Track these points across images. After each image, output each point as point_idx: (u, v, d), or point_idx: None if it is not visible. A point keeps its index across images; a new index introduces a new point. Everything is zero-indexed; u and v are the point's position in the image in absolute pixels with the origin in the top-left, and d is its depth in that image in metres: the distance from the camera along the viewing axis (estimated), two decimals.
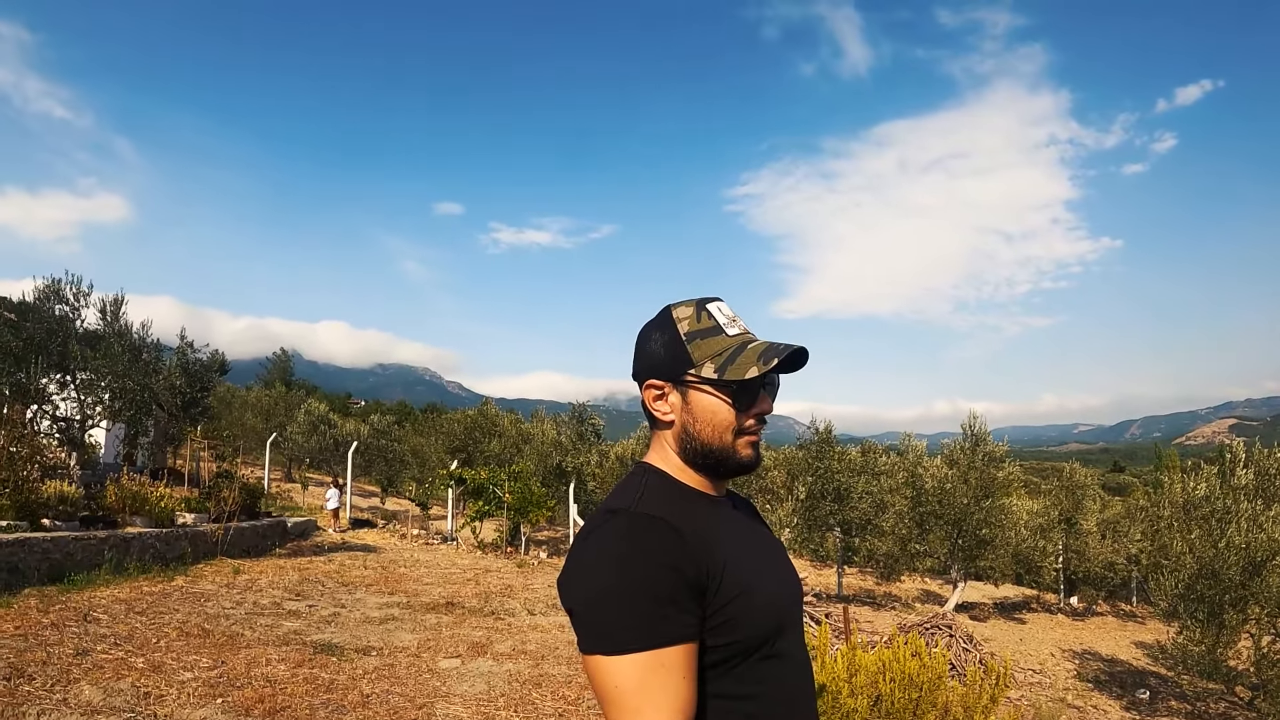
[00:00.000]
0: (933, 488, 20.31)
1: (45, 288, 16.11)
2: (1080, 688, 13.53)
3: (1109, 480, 61.18)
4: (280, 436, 35.89)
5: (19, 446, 12.19)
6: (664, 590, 1.63)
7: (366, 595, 13.45)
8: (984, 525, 19.83)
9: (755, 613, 1.72)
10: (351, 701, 7.33)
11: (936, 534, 20.82)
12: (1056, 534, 22.76)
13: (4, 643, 7.58)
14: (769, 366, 1.77)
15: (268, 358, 79.67)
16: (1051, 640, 18.61)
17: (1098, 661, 16.13)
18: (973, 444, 20.43)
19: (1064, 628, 21.19)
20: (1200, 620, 11.94)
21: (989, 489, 19.81)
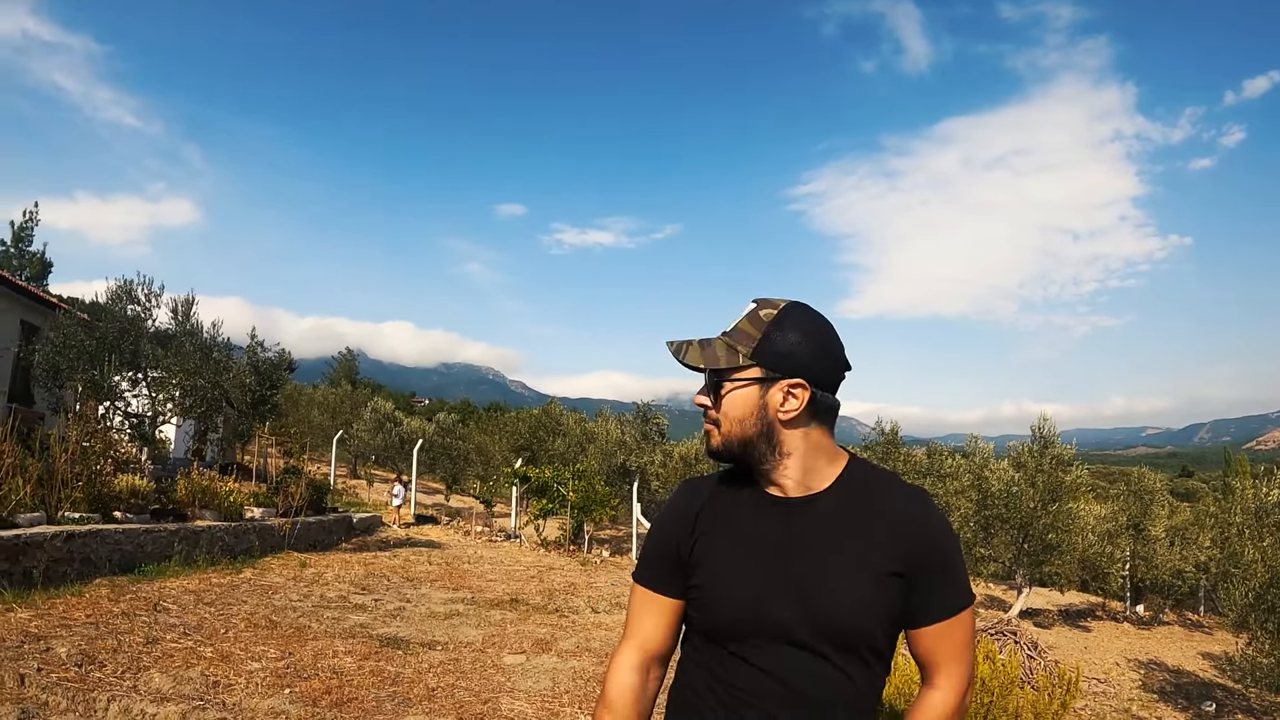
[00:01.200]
0: (999, 491, 19.96)
1: (118, 288, 16.37)
2: (1145, 698, 13.20)
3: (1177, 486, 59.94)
4: (346, 433, 36.28)
5: (92, 441, 12.37)
6: (655, 544, 2.07)
7: (431, 590, 13.49)
8: (1051, 530, 19.45)
9: (716, 608, 1.91)
10: (417, 695, 7.32)
11: (1002, 538, 20.48)
12: (1124, 540, 22.28)
13: (76, 630, 7.66)
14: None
15: (333, 357, 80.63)
16: (1117, 649, 18.21)
17: (1163, 672, 15.74)
18: (1041, 446, 20.05)
19: (1129, 636, 20.74)
20: (1270, 631, 11.56)
21: (1056, 493, 19.42)
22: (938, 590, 1.87)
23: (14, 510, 9.81)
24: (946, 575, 1.88)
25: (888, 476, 1.97)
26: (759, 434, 1.90)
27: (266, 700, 6.44)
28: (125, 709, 5.76)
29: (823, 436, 1.93)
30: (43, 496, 10.68)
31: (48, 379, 15.76)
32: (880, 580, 1.83)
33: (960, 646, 1.91)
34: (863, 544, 1.85)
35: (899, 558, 1.84)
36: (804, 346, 1.87)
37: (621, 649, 2.06)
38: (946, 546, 1.89)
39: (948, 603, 1.88)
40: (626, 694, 2.01)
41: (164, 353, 16.10)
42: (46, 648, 6.85)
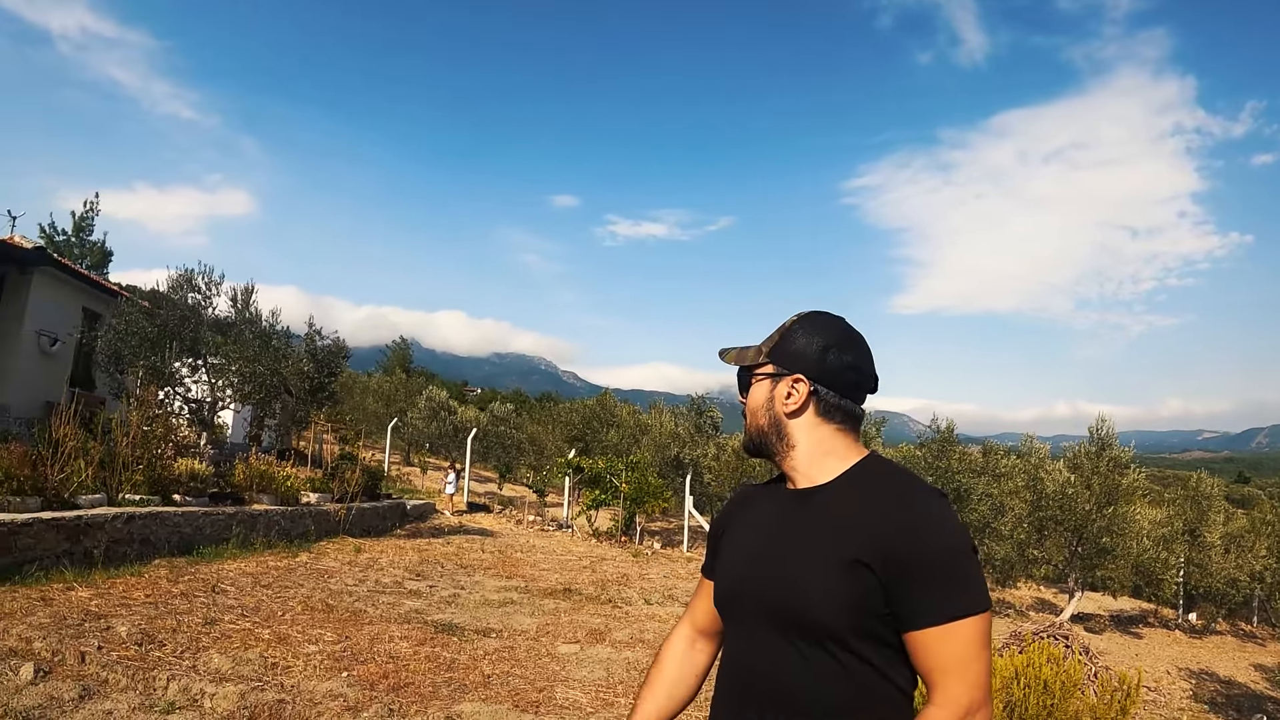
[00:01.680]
0: (1054, 492, 19.66)
1: (179, 277, 16.57)
2: (1195, 709, 12.93)
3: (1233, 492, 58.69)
4: (401, 421, 36.53)
5: (153, 426, 12.52)
6: (710, 535, 2.28)
7: (485, 578, 13.51)
8: (1105, 533, 19.13)
9: (716, 586, 2.11)
10: (473, 681, 7.30)
11: (1055, 540, 20.18)
12: (1179, 546, 21.86)
13: (136, 610, 7.73)
14: None
15: (387, 345, 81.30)
16: (1168, 657, 17.86)
17: (1214, 682, 15.41)
18: (1098, 448, 19.71)
19: (1181, 645, 20.34)
20: None
21: (1112, 496, 19.10)
22: (924, 593, 1.75)
23: (76, 492, 9.94)
24: (936, 578, 1.75)
25: (894, 474, 1.92)
26: (769, 425, 2.05)
27: (324, 683, 6.44)
28: (184, 688, 5.78)
29: (833, 434, 2.00)
30: (104, 479, 10.82)
31: (109, 364, 15.99)
32: (843, 569, 1.79)
33: (956, 660, 1.74)
34: (838, 533, 1.85)
35: (869, 549, 1.78)
36: (811, 347, 2.01)
37: (678, 624, 2.35)
38: (936, 545, 1.76)
39: (937, 608, 1.74)
40: (674, 654, 2.30)
41: (224, 340, 16.26)
42: (107, 626, 6.91)
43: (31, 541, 8.56)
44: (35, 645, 6.12)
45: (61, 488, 9.70)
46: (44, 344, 19.19)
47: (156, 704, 5.44)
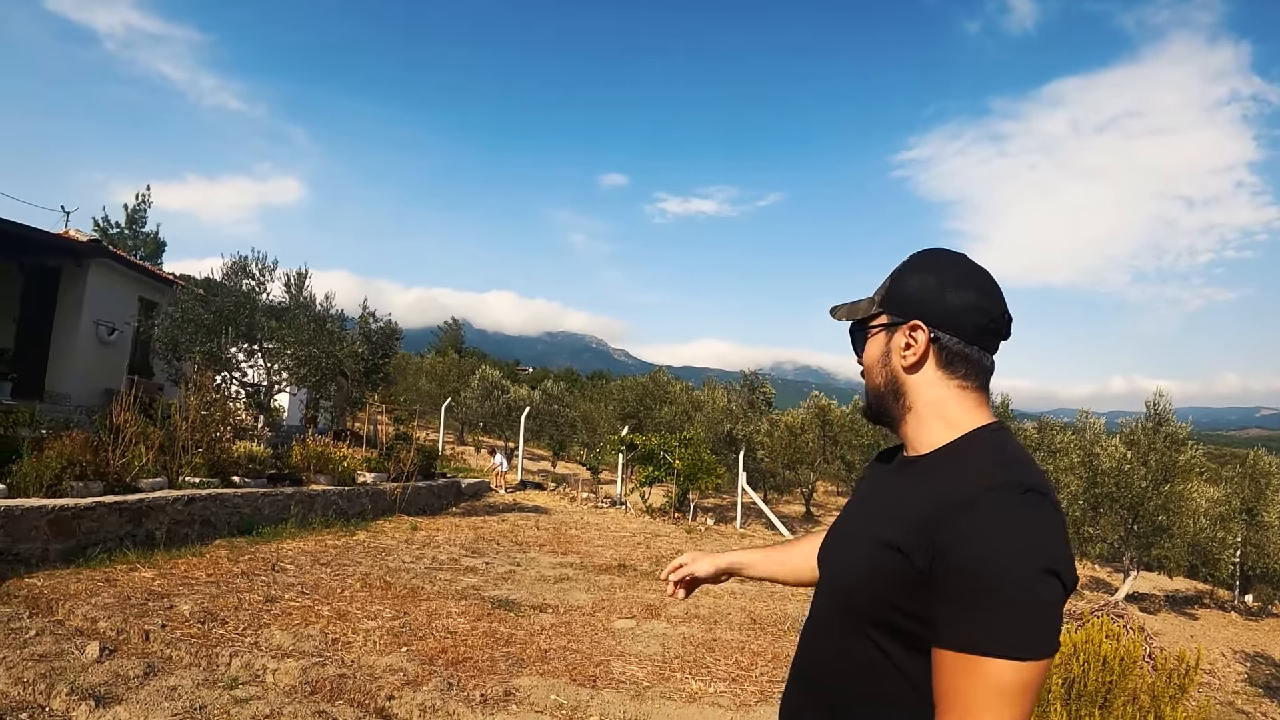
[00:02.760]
0: (1110, 468, 19.37)
1: (233, 264, 16.76)
2: (1250, 693, 12.72)
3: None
4: (454, 401, 36.78)
5: (211, 410, 12.70)
6: None
7: (540, 555, 13.59)
8: (1162, 511, 18.84)
9: None
10: (530, 656, 7.34)
11: (1110, 518, 19.92)
12: (1236, 525, 21.47)
13: (198, 589, 7.85)
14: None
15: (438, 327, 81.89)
16: (1223, 639, 17.57)
17: (1270, 666, 15.13)
18: (1155, 424, 19.40)
19: (1236, 627, 19.98)
20: None
21: (1169, 473, 18.79)
22: (946, 605, 1.46)
23: (137, 475, 10.12)
24: (966, 593, 1.43)
25: (991, 453, 1.60)
26: (886, 383, 1.76)
27: (385, 658, 6.51)
28: (247, 664, 5.87)
29: (955, 392, 1.68)
30: (164, 462, 11.01)
31: (167, 351, 16.21)
32: (877, 548, 1.60)
33: (958, 700, 1.43)
34: (892, 512, 1.64)
35: (908, 533, 1.54)
36: (926, 287, 1.71)
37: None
38: (982, 554, 1.43)
39: (954, 629, 1.45)
40: (803, 545, 2.26)
41: (279, 324, 16.43)
42: (170, 605, 7.03)
43: (95, 525, 8.73)
44: (100, 625, 6.25)
45: (123, 472, 9.88)
46: (102, 333, 19.52)
47: (220, 680, 5.53)
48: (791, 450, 27.42)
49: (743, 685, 7.21)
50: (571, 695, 6.30)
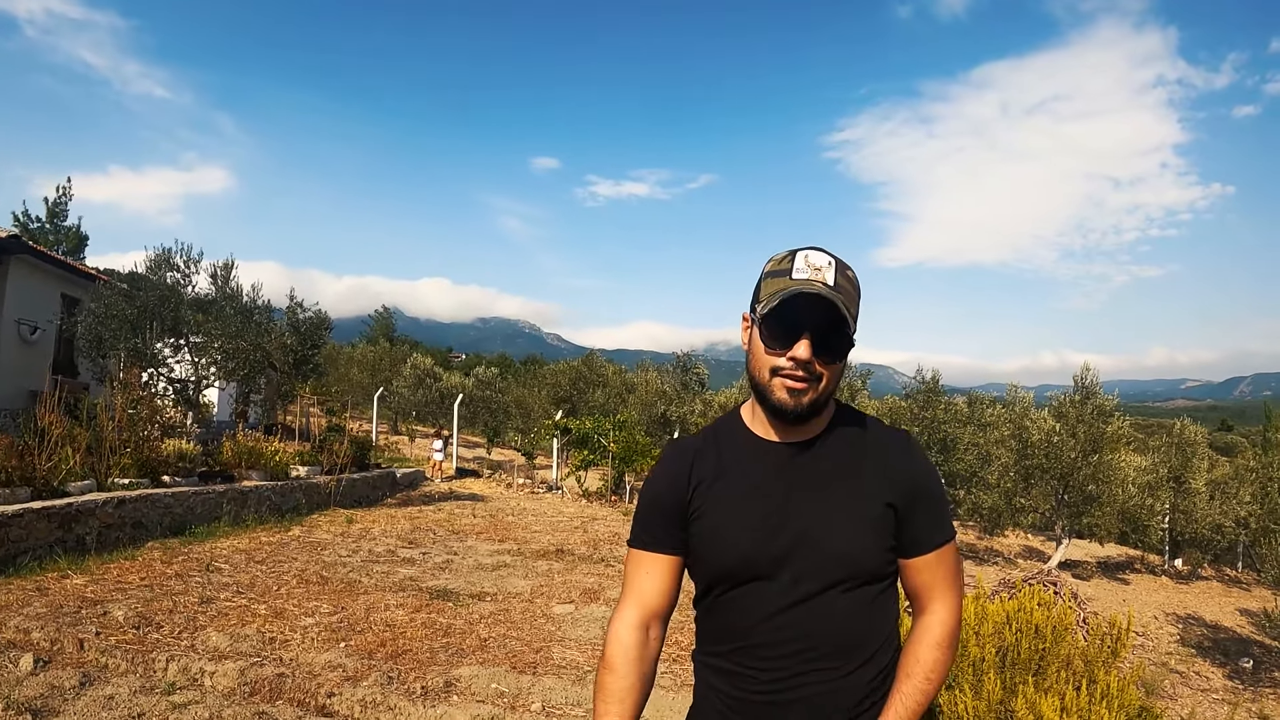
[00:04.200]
0: (1039, 440, 19.78)
1: (157, 257, 16.46)
2: (1183, 653, 13.14)
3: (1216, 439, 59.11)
4: (387, 390, 36.50)
5: (138, 408, 12.52)
6: (648, 507, 2.11)
7: (477, 543, 13.61)
8: (1091, 481, 19.28)
9: (716, 551, 1.98)
10: (470, 645, 7.39)
11: (1041, 489, 20.36)
12: (1164, 493, 22.04)
13: (131, 593, 7.78)
14: (771, 304, 1.89)
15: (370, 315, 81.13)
16: (1155, 603, 18.10)
17: (1201, 627, 15.61)
18: (1083, 397, 19.84)
19: (1167, 590, 20.58)
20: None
21: (1097, 444, 19.24)
22: (929, 521, 2.00)
23: (65, 479, 9.96)
24: (936, 507, 2.02)
25: (873, 419, 2.11)
26: (836, 386, 1.99)
27: (323, 654, 6.53)
28: (184, 668, 5.86)
29: None
30: (92, 464, 10.84)
31: (91, 349, 15.92)
32: (877, 512, 1.95)
33: (952, 572, 2.04)
34: (859, 479, 1.98)
35: (891, 490, 1.96)
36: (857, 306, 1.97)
37: (620, 609, 2.11)
38: (933, 482, 2.04)
39: (938, 533, 2.01)
40: (628, 652, 2.05)
41: (205, 318, 16.21)
42: (104, 612, 6.97)
43: (23, 533, 8.59)
44: (33, 635, 6.18)
45: (50, 476, 9.71)
46: (24, 333, 19.10)
47: (157, 686, 5.51)
48: None
49: (683, 665, 7.34)
50: (512, 683, 6.37)
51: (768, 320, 1.91)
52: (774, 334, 1.91)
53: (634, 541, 2.13)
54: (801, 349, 1.87)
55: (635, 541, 2.13)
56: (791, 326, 1.88)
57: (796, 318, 1.87)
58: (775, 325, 1.90)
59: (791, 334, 1.89)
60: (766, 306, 1.90)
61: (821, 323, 1.87)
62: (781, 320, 1.89)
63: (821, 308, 1.86)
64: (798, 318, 1.87)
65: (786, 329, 1.89)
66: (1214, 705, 10.35)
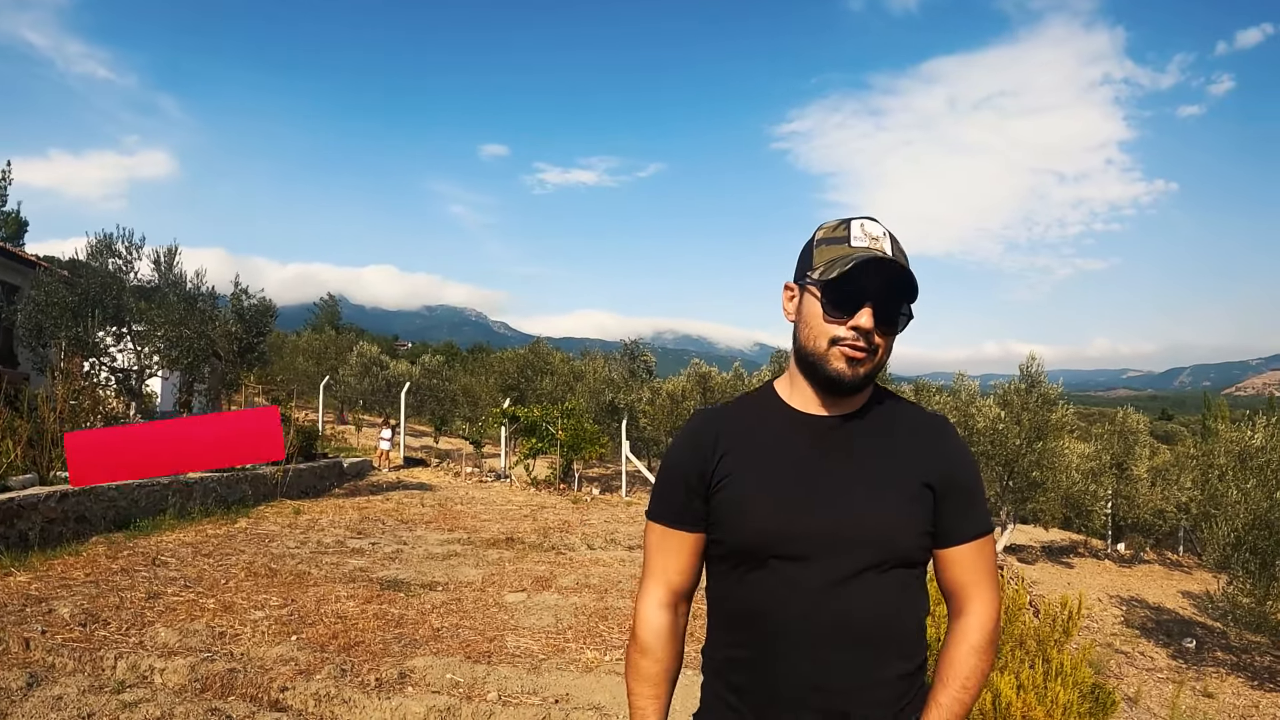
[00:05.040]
0: (985, 428, 20.06)
1: (99, 243, 16.20)
2: (1127, 634, 13.42)
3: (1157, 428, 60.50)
4: (333, 379, 36.16)
5: (80, 399, 12.32)
6: (672, 477, 2.02)
7: (426, 532, 13.55)
8: (1036, 467, 19.60)
9: (742, 524, 1.88)
10: (423, 636, 7.37)
11: (987, 475, 20.65)
12: (1107, 479, 22.45)
13: (77, 590, 7.67)
14: (842, 270, 1.80)
15: (315, 303, 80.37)
16: (1099, 586, 18.46)
17: (1144, 609, 15.95)
18: (1028, 385, 20.15)
19: (1111, 574, 21.00)
20: (1251, 571, 11.71)
21: (1042, 431, 19.56)
22: (967, 509, 1.93)
23: (6, 473, 9.79)
24: (974, 496, 1.96)
25: (911, 403, 2.05)
26: (885, 360, 1.93)
27: (275, 648, 6.48)
28: (133, 665, 5.78)
29: None
30: (34, 457, 10.66)
31: (31, 338, 15.64)
32: (914, 491, 1.89)
33: (991, 568, 1.96)
34: (897, 457, 1.92)
35: (930, 471, 1.91)
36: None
37: (646, 589, 2.05)
38: (973, 470, 1.97)
39: (977, 523, 1.95)
40: (660, 634, 2.02)
41: (148, 305, 15.98)
42: (49, 609, 6.87)
43: None
44: None
45: None
46: None
47: (106, 684, 5.44)
48: (673, 418, 27.67)
49: None
50: (467, 672, 6.36)
51: (830, 287, 1.84)
52: (838, 301, 1.84)
53: (654, 515, 2.05)
54: (865, 317, 1.82)
55: (656, 515, 2.05)
56: (857, 294, 1.83)
57: (863, 285, 1.82)
58: (839, 292, 1.84)
59: (855, 302, 1.83)
60: (832, 271, 1.82)
61: (888, 293, 1.84)
62: (847, 287, 1.83)
63: (888, 276, 1.83)
64: (864, 285, 1.82)
65: (852, 297, 1.83)
66: (1159, 684, 10.58)
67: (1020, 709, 4.51)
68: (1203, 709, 9.52)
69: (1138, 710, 8.83)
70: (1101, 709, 5.00)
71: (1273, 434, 12.58)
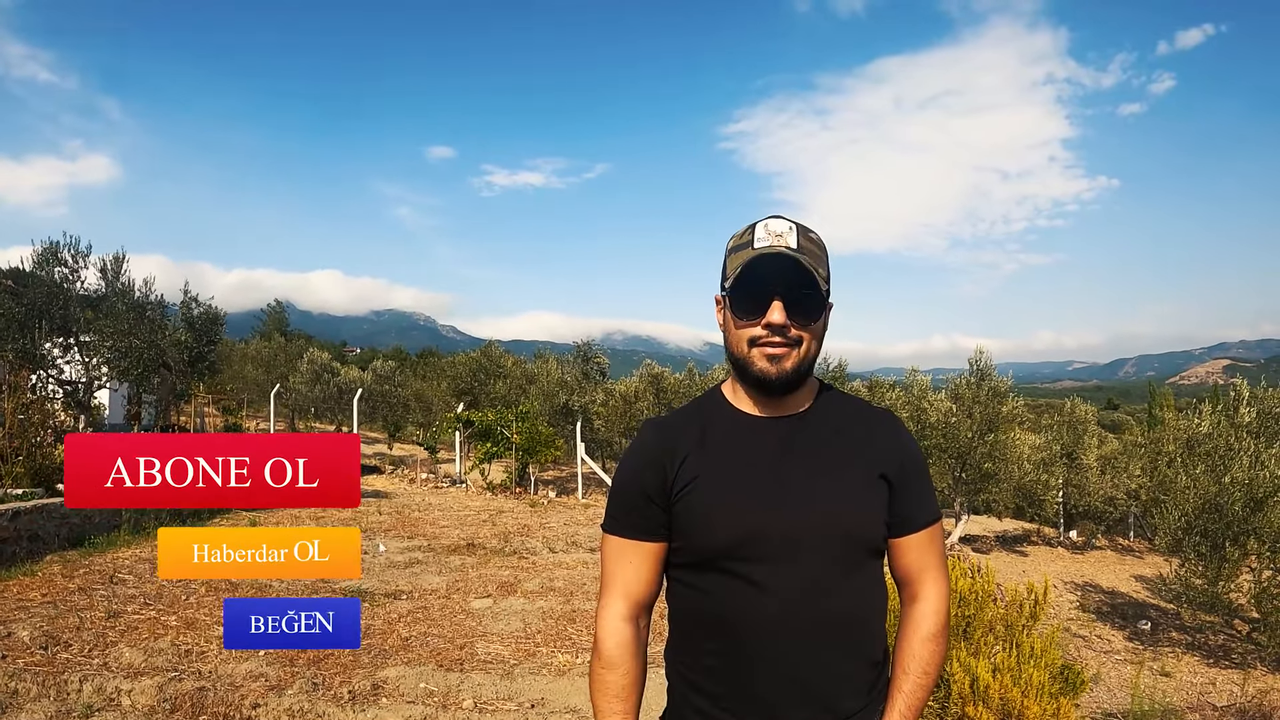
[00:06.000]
0: (937, 422, 20.22)
1: (44, 251, 15.88)
2: (1083, 618, 13.60)
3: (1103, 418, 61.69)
4: (283, 387, 35.73)
5: (29, 412, 12.08)
6: (628, 489, 2.01)
7: (386, 540, 13.43)
8: (988, 459, 19.79)
9: (707, 529, 1.90)
10: (392, 645, 7.31)
11: (939, 467, 20.80)
12: (1058, 468, 22.72)
13: (35, 611, 7.51)
14: (736, 274, 1.88)
15: (261, 310, 79.48)
16: (1053, 572, 18.69)
17: (1099, 594, 16.17)
18: (978, 379, 20.35)
19: (1064, 560, 21.27)
20: (1202, 554, 11.96)
21: (993, 424, 19.75)
22: (918, 498, 2.02)
23: None
24: (924, 485, 2.05)
25: (857, 398, 2.13)
26: (817, 354, 1.98)
27: (242, 664, 6.38)
28: (99, 688, 5.67)
29: None
30: None
31: None
32: (872, 483, 1.94)
33: (941, 556, 2.05)
34: (850, 451, 1.98)
35: (885, 463, 1.97)
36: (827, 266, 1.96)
37: (606, 601, 2.03)
38: (920, 460, 2.05)
39: (928, 511, 2.04)
40: (624, 647, 1.99)
41: (95, 315, 15.71)
42: (8, 633, 6.72)
43: None
44: None
45: None
46: None
47: (73, 709, 5.33)
48: (627, 419, 27.63)
49: None
50: (441, 681, 6.32)
51: (736, 291, 1.90)
52: (744, 304, 1.90)
53: (611, 527, 2.04)
54: (775, 313, 1.85)
55: (613, 527, 2.04)
56: (761, 293, 1.87)
57: (765, 283, 1.86)
58: (744, 295, 1.89)
59: (761, 300, 1.87)
60: (732, 278, 1.89)
61: (791, 284, 1.86)
62: (750, 288, 1.88)
63: (788, 269, 1.85)
64: (766, 283, 1.86)
65: (756, 296, 1.88)
66: (1117, 665, 10.72)
67: (998, 690, 4.61)
68: (1161, 687, 9.65)
69: (1099, 690, 8.97)
70: (1071, 688, 5.12)
71: (1219, 421, 12.81)
